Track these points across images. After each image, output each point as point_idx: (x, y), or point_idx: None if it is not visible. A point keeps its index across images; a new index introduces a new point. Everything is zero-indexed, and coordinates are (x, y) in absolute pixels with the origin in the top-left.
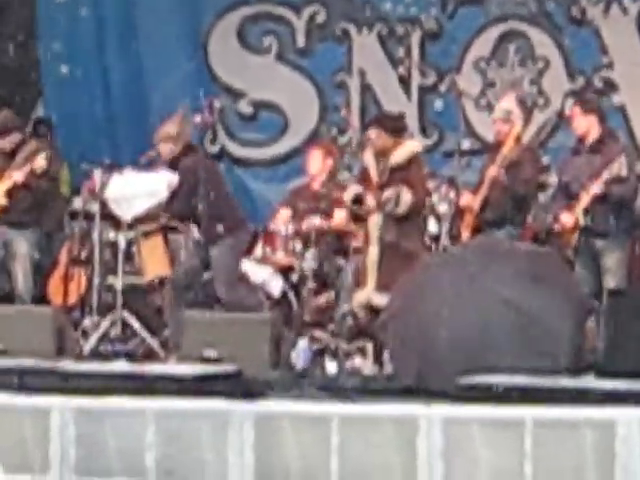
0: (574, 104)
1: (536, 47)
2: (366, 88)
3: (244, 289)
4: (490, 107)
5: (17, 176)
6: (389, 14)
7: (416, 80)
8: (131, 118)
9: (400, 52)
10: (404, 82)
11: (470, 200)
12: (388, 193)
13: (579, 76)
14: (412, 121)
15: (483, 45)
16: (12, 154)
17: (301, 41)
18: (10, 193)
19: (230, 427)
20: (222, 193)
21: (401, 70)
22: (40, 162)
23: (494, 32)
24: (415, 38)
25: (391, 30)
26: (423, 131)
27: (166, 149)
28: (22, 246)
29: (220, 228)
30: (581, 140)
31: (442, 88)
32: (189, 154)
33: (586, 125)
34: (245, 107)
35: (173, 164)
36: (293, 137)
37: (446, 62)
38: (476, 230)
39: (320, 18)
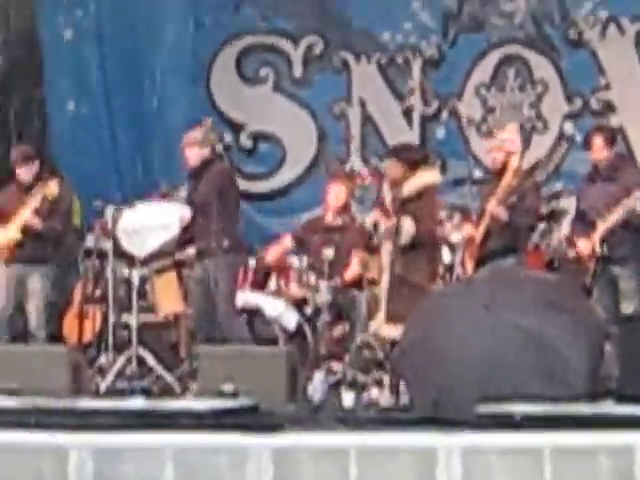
0: (594, 134)
1: (535, 70)
2: (367, 118)
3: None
4: (491, 133)
5: (25, 214)
6: (388, 43)
7: (418, 109)
8: (135, 152)
9: (401, 81)
10: (406, 111)
11: (472, 231)
12: (389, 223)
13: (577, 98)
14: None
15: (483, 71)
16: (28, 189)
17: (298, 72)
18: (24, 229)
19: (248, 461)
20: (235, 209)
21: (403, 99)
22: (52, 188)
23: (494, 57)
24: (416, 66)
25: (391, 59)
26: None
27: (192, 154)
28: (36, 283)
29: (226, 242)
30: (596, 167)
31: (444, 116)
32: (216, 162)
33: (601, 154)
34: (245, 140)
35: (199, 171)
36: (292, 169)
37: (447, 89)
38: (480, 260)
39: (318, 49)
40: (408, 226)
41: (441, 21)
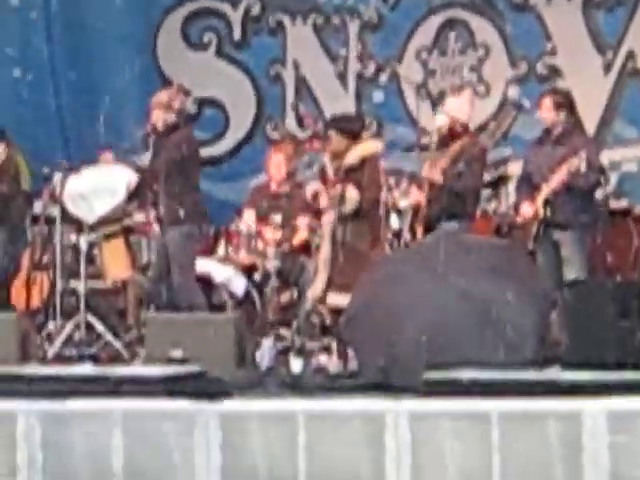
0: (545, 96)
1: (477, 34)
2: (301, 80)
3: (196, 285)
4: (431, 96)
5: None
6: (324, 4)
7: (354, 72)
8: (83, 118)
9: (337, 43)
10: (341, 74)
11: (419, 197)
12: (333, 192)
13: (522, 63)
14: (348, 110)
15: (424, 34)
16: None
17: (237, 34)
18: None
19: (196, 427)
20: (194, 178)
21: (338, 62)
22: None
23: (435, 20)
24: (353, 28)
25: (327, 20)
26: None
27: (158, 116)
28: None
29: (181, 212)
30: (547, 131)
31: (382, 79)
32: (180, 128)
33: (553, 117)
34: (190, 106)
35: (160, 137)
36: (235, 133)
37: (386, 53)
38: (427, 226)
39: (255, 10)
40: (352, 194)
41: None
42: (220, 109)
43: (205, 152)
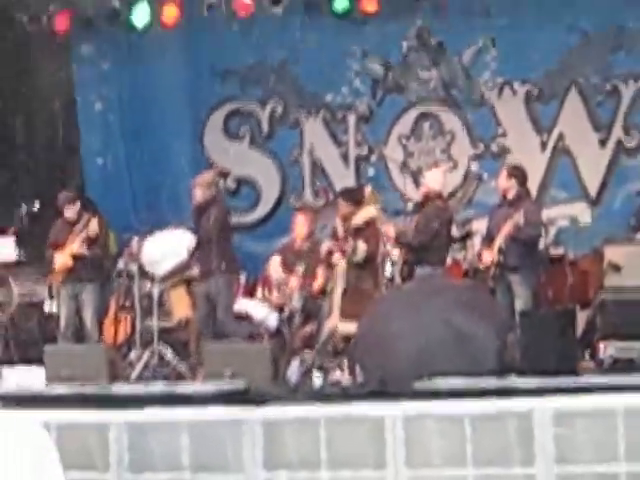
0: (502, 169)
1: (445, 124)
2: (315, 162)
3: (236, 321)
4: (411, 172)
5: (76, 245)
6: (330, 103)
7: (352, 153)
8: (149, 197)
9: (340, 132)
10: (344, 155)
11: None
12: (347, 246)
13: (480, 143)
14: (350, 184)
15: (404, 124)
16: (73, 224)
17: (265, 128)
18: (74, 256)
19: (244, 430)
20: (230, 239)
21: (341, 146)
22: (93, 228)
23: (413, 114)
24: (351, 120)
25: (333, 115)
26: None
27: (200, 194)
28: (88, 296)
29: (224, 265)
30: (504, 196)
31: (373, 159)
32: (216, 201)
33: (507, 185)
34: (230, 183)
35: (203, 208)
36: (265, 204)
37: (375, 138)
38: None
39: (279, 110)
40: (362, 247)
41: (371, 86)
42: (253, 186)
43: (242, 219)
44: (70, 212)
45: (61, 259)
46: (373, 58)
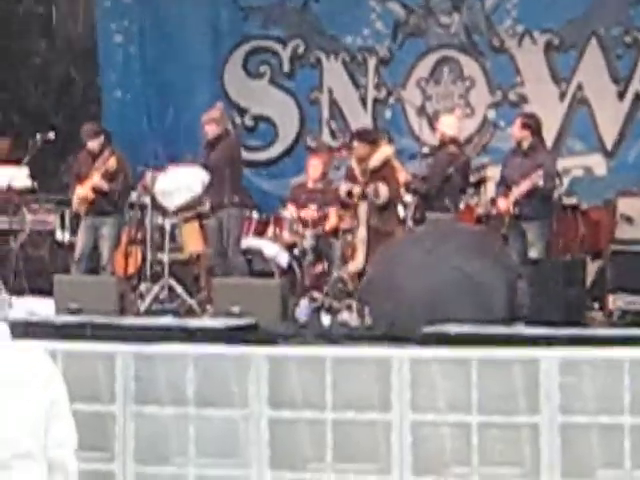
0: (517, 118)
1: (464, 69)
2: (333, 102)
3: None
4: (428, 116)
5: (96, 179)
6: (350, 45)
7: (371, 96)
8: (167, 130)
9: (359, 74)
10: (362, 97)
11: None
12: (369, 188)
13: (498, 91)
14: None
15: (424, 68)
16: (94, 157)
17: (286, 67)
18: (94, 190)
19: (250, 366)
20: (240, 173)
21: (360, 88)
22: (111, 163)
23: (433, 58)
24: (371, 63)
25: (352, 57)
26: None
27: (210, 130)
28: (108, 230)
29: (236, 198)
30: (518, 144)
31: (391, 101)
32: (226, 136)
33: (521, 135)
34: (248, 121)
35: (214, 143)
36: (282, 143)
37: (394, 81)
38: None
39: (300, 49)
40: (383, 190)
41: (392, 29)
42: (271, 124)
43: (259, 156)
44: (92, 144)
45: (82, 191)
46: (395, 0)
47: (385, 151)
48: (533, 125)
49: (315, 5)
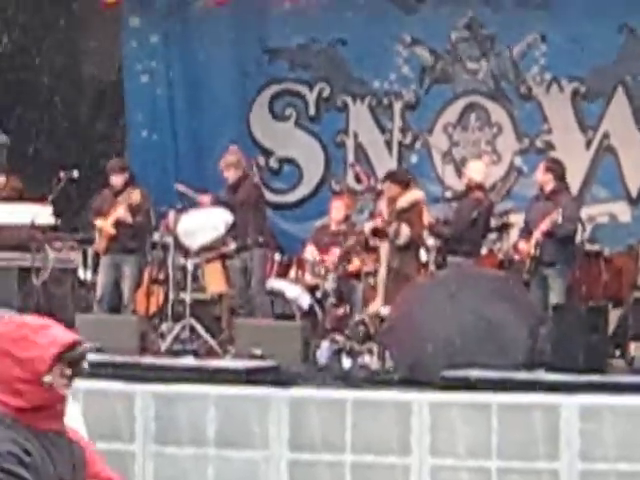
0: (540, 162)
1: (492, 116)
2: (359, 146)
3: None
4: (454, 162)
5: (120, 211)
6: (377, 89)
7: (396, 140)
8: (193, 170)
9: (385, 118)
10: (387, 142)
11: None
12: (391, 227)
13: (525, 138)
14: None
15: (451, 113)
16: (117, 195)
17: (312, 111)
18: (117, 225)
19: (271, 408)
20: (264, 214)
21: (386, 133)
22: (135, 197)
23: (460, 104)
24: (397, 107)
25: (379, 101)
26: None
27: (230, 175)
28: (128, 268)
29: (261, 239)
30: (542, 189)
31: (417, 146)
32: (247, 178)
33: (545, 179)
34: (273, 163)
35: (236, 185)
36: (307, 185)
37: (421, 126)
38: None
39: (326, 92)
40: (406, 231)
41: (419, 73)
42: (296, 166)
43: (283, 198)
44: (117, 180)
45: (104, 227)
46: (422, 46)
47: (415, 194)
48: (557, 170)
49: (342, 48)
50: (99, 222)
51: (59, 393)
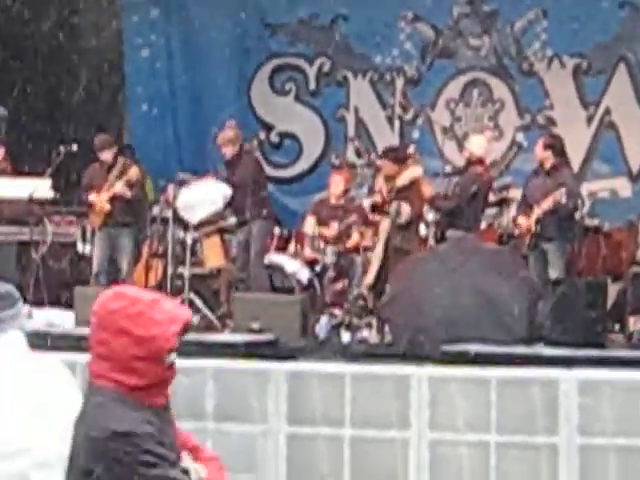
0: (539, 138)
1: (494, 92)
2: (359, 121)
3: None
4: (456, 138)
5: (118, 186)
6: (379, 64)
7: (398, 115)
8: (194, 144)
9: (387, 94)
10: (389, 117)
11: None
12: (391, 207)
13: (527, 114)
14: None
15: (453, 89)
16: (108, 169)
17: (312, 85)
18: (112, 200)
19: (269, 382)
20: (265, 187)
21: (387, 108)
22: (133, 173)
23: (462, 80)
24: (399, 83)
25: (380, 76)
26: None
27: (227, 150)
28: (126, 242)
29: (264, 212)
30: (541, 165)
31: (419, 122)
32: (245, 153)
33: (543, 156)
34: (274, 137)
35: (234, 161)
36: (306, 160)
37: (423, 102)
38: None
39: (326, 67)
40: (407, 209)
41: (421, 49)
42: (296, 141)
43: (283, 172)
44: (107, 155)
45: (99, 202)
46: (424, 22)
47: (414, 171)
48: (555, 146)
49: (343, 24)
50: (93, 197)
51: (175, 370)
